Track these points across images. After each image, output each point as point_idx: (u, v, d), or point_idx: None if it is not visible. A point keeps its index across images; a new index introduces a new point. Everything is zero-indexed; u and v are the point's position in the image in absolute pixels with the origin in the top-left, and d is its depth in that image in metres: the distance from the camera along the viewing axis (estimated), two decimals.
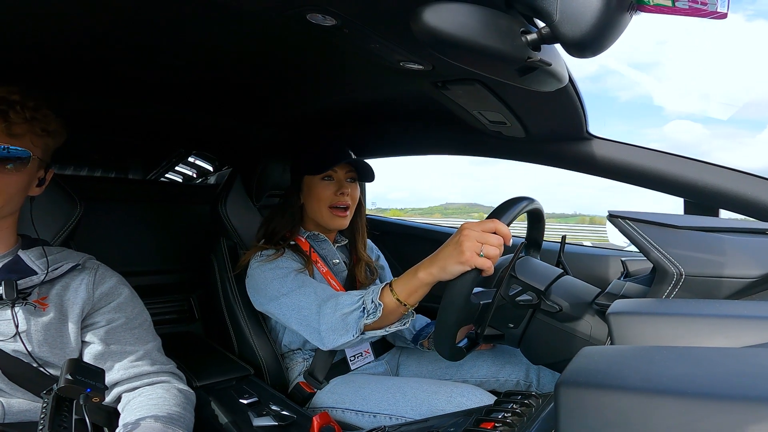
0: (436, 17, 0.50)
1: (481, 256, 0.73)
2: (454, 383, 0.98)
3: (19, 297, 0.74)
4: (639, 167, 0.99)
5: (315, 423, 0.80)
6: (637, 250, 0.76)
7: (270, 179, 1.33)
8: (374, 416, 0.97)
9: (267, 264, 1.07)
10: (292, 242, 1.16)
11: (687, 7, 0.48)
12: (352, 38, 0.63)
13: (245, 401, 0.98)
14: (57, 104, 0.81)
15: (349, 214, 1.18)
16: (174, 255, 1.60)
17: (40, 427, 0.58)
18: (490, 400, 0.91)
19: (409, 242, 1.67)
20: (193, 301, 1.63)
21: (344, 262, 1.23)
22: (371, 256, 1.32)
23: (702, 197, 0.95)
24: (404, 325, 0.89)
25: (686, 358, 0.39)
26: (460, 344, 0.83)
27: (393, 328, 0.89)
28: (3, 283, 0.74)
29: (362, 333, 0.87)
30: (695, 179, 0.94)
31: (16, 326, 0.73)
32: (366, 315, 0.86)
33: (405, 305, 0.84)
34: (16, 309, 0.74)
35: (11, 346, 0.73)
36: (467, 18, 0.50)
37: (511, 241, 0.78)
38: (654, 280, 0.73)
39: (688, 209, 1.01)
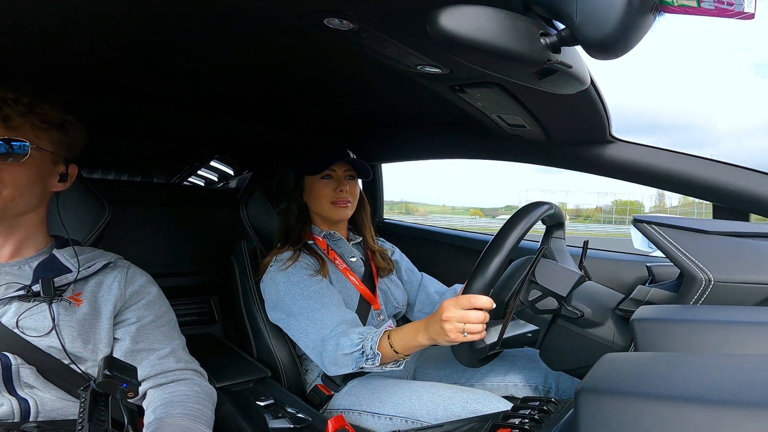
0: (453, 20, 0.49)
1: (465, 335, 0.78)
2: (471, 389, 0.97)
3: (55, 294, 0.77)
4: (665, 170, 0.96)
5: (330, 426, 0.80)
6: (663, 256, 0.74)
7: (289, 184, 1.35)
8: (390, 419, 0.97)
9: (280, 274, 1.11)
10: (309, 241, 1.20)
11: (713, 7, 0.47)
12: (370, 42, 0.63)
13: (262, 403, 0.99)
14: (84, 110, 0.84)
15: (351, 206, 1.23)
16: (196, 257, 1.64)
17: (80, 420, 0.59)
18: (506, 407, 0.90)
19: (425, 246, 1.66)
20: (214, 303, 1.65)
21: (361, 258, 1.27)
22: (387, 251, 1.36)
23: (731, 201, 0.91)
24: (399, 366, 0.96)
25: (713, 365, 0.38)
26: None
27: (388, 368, 0.95)
28: (40, 281, 0.77)
29: (361, 368, 0.95)
30: (724, 182, 0.91)
31: (53, 320, 0.75)
32: (365, 359, 0.92)
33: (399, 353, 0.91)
34: (53, 305, 0.76)
35: (46, 342, 0.75)
36: (484, 20, 0.49)
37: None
38: (681, 286, 0.70)
39: (717, 213, 0.98)
